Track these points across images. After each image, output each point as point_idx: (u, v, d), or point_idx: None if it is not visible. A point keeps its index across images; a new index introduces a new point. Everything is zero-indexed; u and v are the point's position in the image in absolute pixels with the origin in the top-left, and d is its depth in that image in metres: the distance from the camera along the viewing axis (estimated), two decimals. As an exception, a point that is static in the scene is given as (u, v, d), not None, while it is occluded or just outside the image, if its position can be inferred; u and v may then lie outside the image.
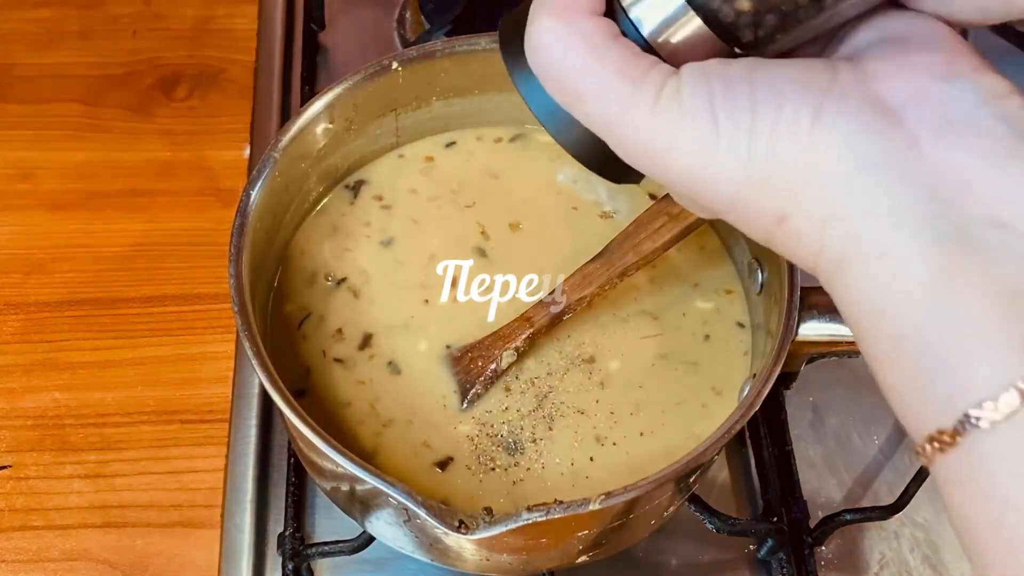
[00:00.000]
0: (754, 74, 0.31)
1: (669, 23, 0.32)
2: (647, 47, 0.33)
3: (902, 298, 0.28)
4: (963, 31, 0.33)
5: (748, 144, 0.30)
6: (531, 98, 0.35)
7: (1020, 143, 0.29)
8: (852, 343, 0.32)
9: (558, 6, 0.32)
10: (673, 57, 0.33)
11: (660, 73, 0.31)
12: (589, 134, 0.33)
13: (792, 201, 0.30)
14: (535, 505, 0.42)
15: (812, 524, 0.59)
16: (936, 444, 0.28)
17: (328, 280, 0.55)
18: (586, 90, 0.32)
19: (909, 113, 0.30)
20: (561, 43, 0.32)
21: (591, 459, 0.50)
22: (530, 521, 0.42)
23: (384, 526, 0.51)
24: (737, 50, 0.33)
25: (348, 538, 0.56)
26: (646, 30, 0.33)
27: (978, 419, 0.27)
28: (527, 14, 0.34)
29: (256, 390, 0.65)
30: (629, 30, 0.33)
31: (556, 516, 0.42)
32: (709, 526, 0.57)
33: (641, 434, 0.51)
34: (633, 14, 0.33)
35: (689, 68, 0.31)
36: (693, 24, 0.32)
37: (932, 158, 0.29)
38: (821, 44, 0.34)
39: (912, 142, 0.29)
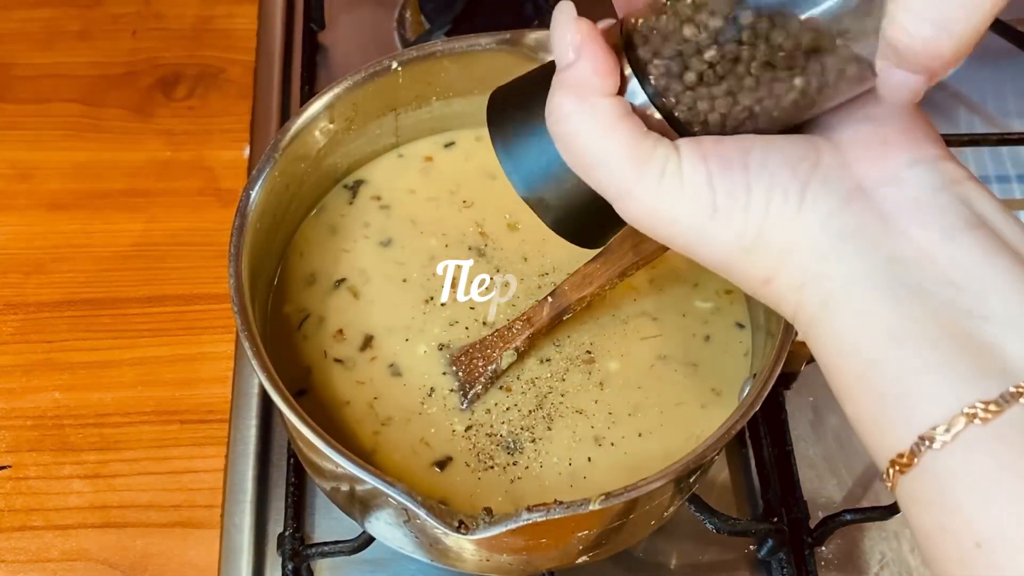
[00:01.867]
0: (749, 155, 0.35)
1: (644, 108, 0.37)
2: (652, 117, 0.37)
3: (863, 342, 0.34)
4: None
5: (742, 219, 0.35)
6: (512, 172, 0.40)
7: (973, 221, 0.34)
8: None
9: (576, 84, 0.36)
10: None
11: (663, 152, 0.36)
12: (564, 206, 0.40)
13: (777, 267, 0.36)
14: (535, 505, 0.42)
15: (812, 524, 0.59)
16: (896, 467, 0.32)
17: (327, 281, 0.55)
18: (598, 162, 0.36)
19: (881, 193, 0.35)
20: (577, 117, 0.36)
21: (589, 459, 0.50)
22: (530, 521, 0.42)
23: (384, 526, 0.51)
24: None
25: (348, 538, 0.56)
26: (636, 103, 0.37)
27: (931, 441, 0.31)
28: (518, 93, 0.40)
29: (256, 390, 0.65)
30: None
31: (556, 516, 0.42)
32: (709, 526, 0.57)
33: (640, 435, 0.51)
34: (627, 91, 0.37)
35: (686, 148, 0.36)
36: (657, 116, 0.36)
37: (898, 231, 0.34)
38: None
39: (881, 218, 0.34)
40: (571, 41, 0.36)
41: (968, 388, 0.31)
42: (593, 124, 0.36)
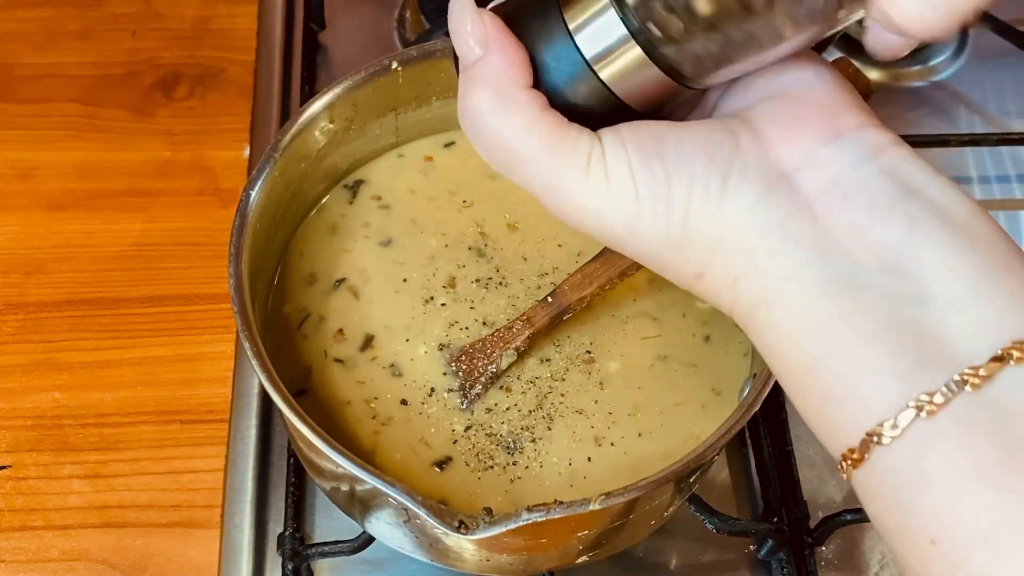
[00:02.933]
0: (663, 143, 0.34)
1: (611, 51, 0.34)
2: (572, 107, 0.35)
3: (802, 341, 0.33)
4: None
5: (665, 212, 0.34)
6: None
7: (900, 193, 0.32)
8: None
9: (492, 77, 0.34)
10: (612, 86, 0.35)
11: (587, 141, 0.34)
12: None
13: (707, 261, 0.34)
14: (535, 505, 0.42)
15: (812, 524, 0.59)
16: (848, 461, 0.32)
17: (327, 281, 0.55)
18: (522, 159, 0.34)
19: (801, 177, 0.33)
20: (496, 113, 0.34)
21: (589, 459, 0.50)
22: (530, 521, 0.42)
23: (384, 526, 0.51)
24: (673, 79, 0.35)
25: (348, 538, 0.56)
26: (588, 54, 0.34)
27: (879, 436, 0.31)
28: None
29: (256, 390, 0.65)
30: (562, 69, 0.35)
31: (556, 516, 0.42)
32: (709, 526, 0.57)
33: (639, 435, 0.51)
34: (578, 40, 0.34)
35: (607, 136, 0.34)
36: (633, 53, 0.34)
37: (824, 218, 0.32)
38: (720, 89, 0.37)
39: (806, 205, 0.33)
40: (475, 34, 0.34)
41: (912, 381, 0.30)
42: (516, 121, 0.34)
